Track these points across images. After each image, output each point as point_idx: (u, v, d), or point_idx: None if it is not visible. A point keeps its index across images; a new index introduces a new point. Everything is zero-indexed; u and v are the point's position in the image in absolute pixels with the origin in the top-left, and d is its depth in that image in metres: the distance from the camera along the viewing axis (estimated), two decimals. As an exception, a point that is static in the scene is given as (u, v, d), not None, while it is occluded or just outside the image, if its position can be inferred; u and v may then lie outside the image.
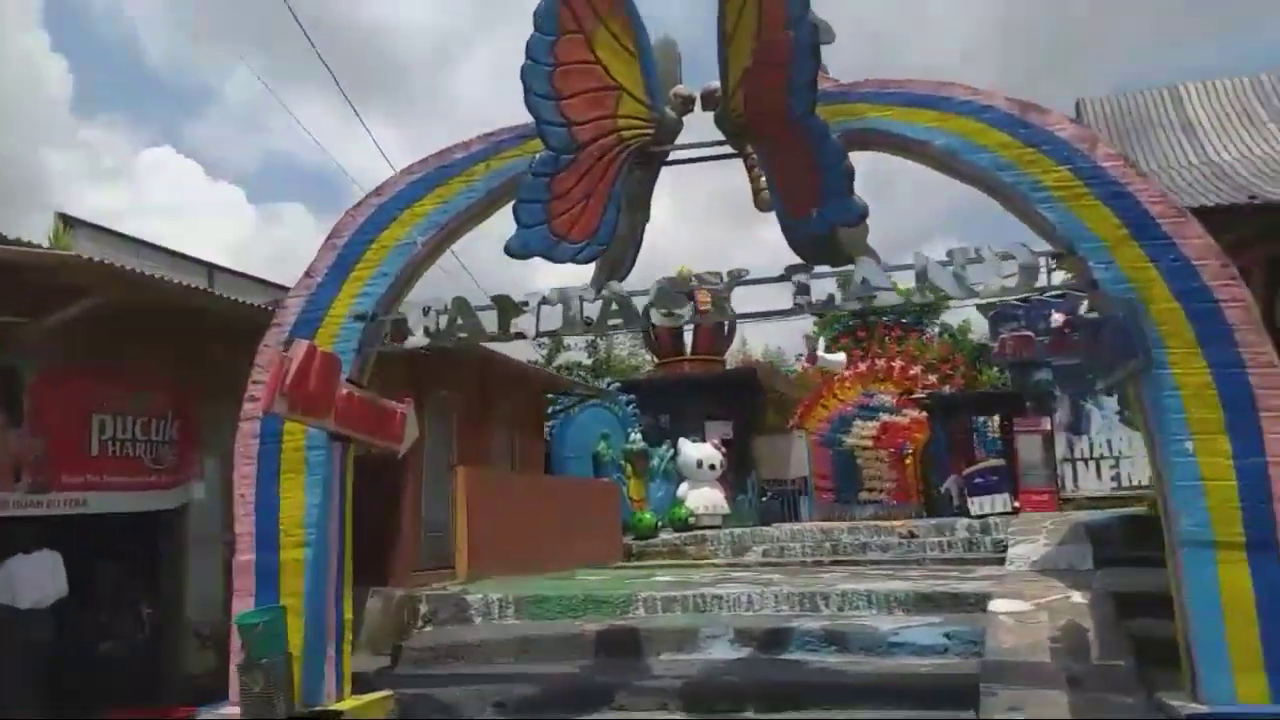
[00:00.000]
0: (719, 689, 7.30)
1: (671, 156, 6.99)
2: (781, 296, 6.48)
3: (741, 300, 6.68)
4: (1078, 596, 8.52)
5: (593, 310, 6.62)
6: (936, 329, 30.29)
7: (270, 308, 7.56)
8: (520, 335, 6.76)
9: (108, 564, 7.75)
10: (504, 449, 14.19)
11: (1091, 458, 17.76)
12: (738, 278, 6.45)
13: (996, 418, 19.96)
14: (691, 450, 17.99)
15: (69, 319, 6.74)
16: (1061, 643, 7.36)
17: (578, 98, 6.66)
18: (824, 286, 6.54)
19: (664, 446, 18.01)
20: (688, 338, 21.10)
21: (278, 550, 6.72)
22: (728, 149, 6.87)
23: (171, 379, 8.23)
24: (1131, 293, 5.95)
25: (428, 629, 9.08)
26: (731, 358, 23.62)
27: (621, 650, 8.37)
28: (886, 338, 26.59)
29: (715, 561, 15.10)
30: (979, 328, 29.05)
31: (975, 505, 17.35)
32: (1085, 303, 18.51)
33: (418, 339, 6.82)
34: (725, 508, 18.01)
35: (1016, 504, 17.16)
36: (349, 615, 6.99)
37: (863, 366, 21.96)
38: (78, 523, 7.44)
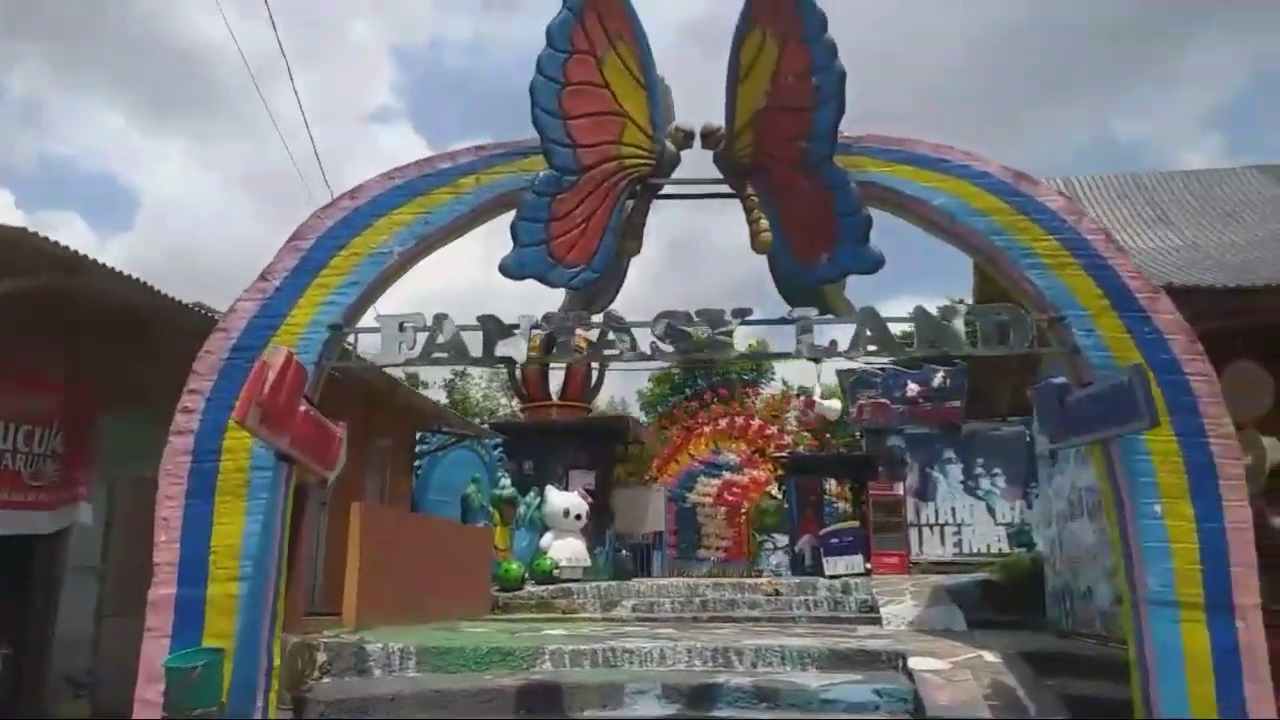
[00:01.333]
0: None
1: (668, 190, 6.83)
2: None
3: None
4: (989, 656, 8.79)
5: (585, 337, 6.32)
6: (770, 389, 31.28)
7: (202, 310, 6.76)
8: (509, 360, 6.33)
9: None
10: (376, 486, 13.34)
11: (936, 524, 18.70)
12: (741, 315, 6.32)
13: (834, 482, 20.68)
14: (558, 499, 17.55)
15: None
16: (996, 700, 7.55)
17: (585, 119, 6.42)
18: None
19: (531, 494, 17.48)
20: (555, 382, 20.74)
21: (205, 584, 5.89)
22: (724, 188, 6.80)
23: (59, 384, 7.17)
24: (1110, 359, 6.28)
25: (326, 680, 8.22)
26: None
27: (543, 706, 7.88)
28: (714, 399, 27.24)
29: (586, 615, 14.68)
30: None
31: (830, 565, 17.81)
32: (940, 374, 19.59)
33: (388, 355, 6.25)
34: (587, 560, 17.65)
35: (868, 565, 17.74)
36: (277, 662, 6.21)
37: (723, 423, 22.26)
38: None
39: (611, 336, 6.28)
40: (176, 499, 6.01)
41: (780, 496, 30.01)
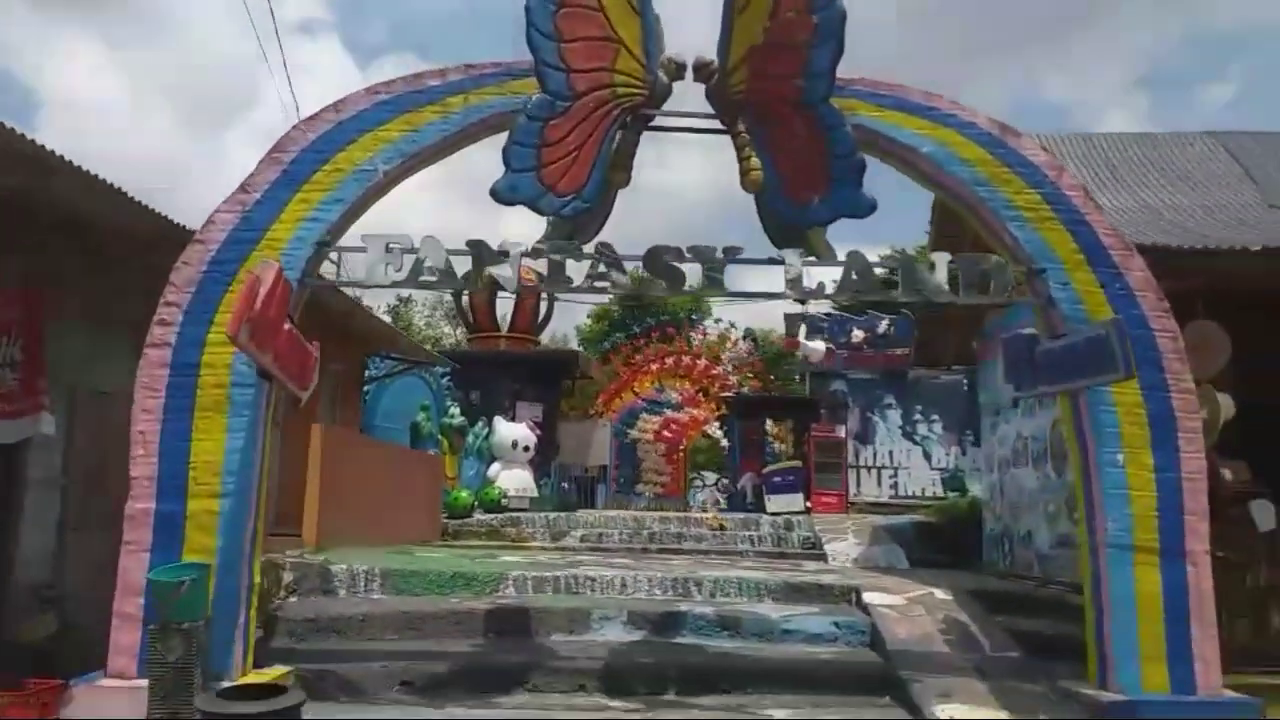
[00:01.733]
0: (635, 670, 7.14)
1: (658, 122, 6.77)
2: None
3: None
4: (940, 593, 9.13)
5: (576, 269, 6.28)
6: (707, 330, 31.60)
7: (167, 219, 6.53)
8: (497, 286, 6.28)
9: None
10: (327, 409, 13.15)
11: (874, 466, 19.22)
12: (732, 254, 6.34)
13: (771, 423, 21.07)
14: (506, 430, 17.56)
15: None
16: (950, 634, 7.88)
17: (579, 43, 6.32)
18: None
19: (479, 424, 17.45)
20: (503, 313, 20.59)
21: (185, 499, 5.83)
22: (714, 123, 6.76)
23: (14, 291, 6.89)
24: (1084, 314, 6.49)
25: (292, 599, 8.18)
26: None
27: (512, 630, 7.97)
28: (660, 336, 27.43)
29: (534, 544, 14.78)
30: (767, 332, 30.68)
31: (772, 503, 18.18)
32: (884, 321, 19.93)
33: (373, 276, 6.15)
34: (535, 490, 17.74)
35: (808, 504, 18.18)
36: (258, 579, 6.20)
37: (669, 361, 22.41)
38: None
39: (603, 269, 6.27)
40: (154, 413, 5.90)
41: (716, 435, 30.54)
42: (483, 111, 6.47)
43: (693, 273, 6.34)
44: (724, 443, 32.08)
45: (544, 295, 19.64)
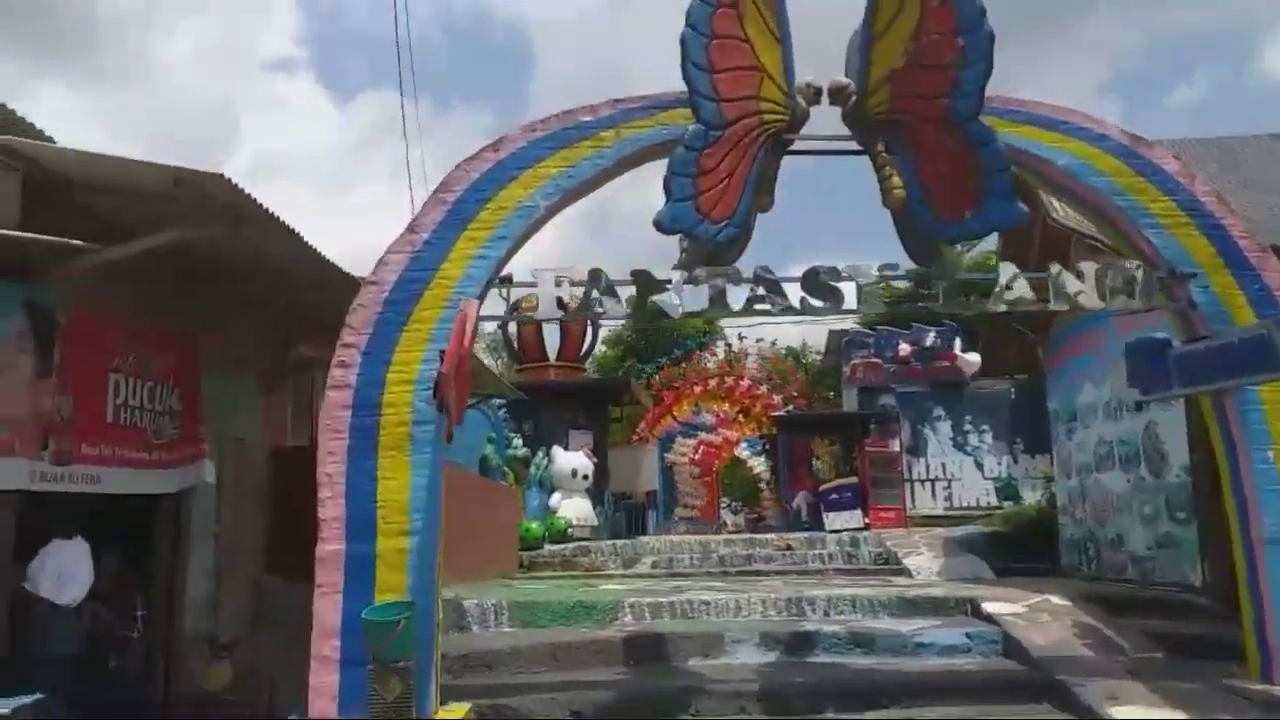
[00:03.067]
0: (790, 690, 7.19)
1: (798, 146, 6.93)
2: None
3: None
4: (1056, 599, 9.22)
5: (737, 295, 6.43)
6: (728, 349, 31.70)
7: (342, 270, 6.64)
8: (663, 315, 6.40)
9: (108, 555, 6.36)
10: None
11: (928, 479, 19.33)
12: (887, 270, 6.50)
13: (816, 440, 21.16)
14: (565, 459, 17.61)
15: (131, 254, 5.55)
16: (1088, 639, 7.96)
17: (727, 74, 6.49)
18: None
19: (540, 454, 17.50)
20: (552, 343, 20.70)
21: (374, 539, 5.90)
22: (852, 144, 6.93)
23: (175, 338, 7.01)
24: (1225, 316, 6.64)
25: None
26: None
27: (652, 657, 8.03)
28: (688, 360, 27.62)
29: (610, 572, 14.85)
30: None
31: (830, 520, 18.27)
32: (931, 334, 20.05)
33: (548, 309, 6.29)
34: (595, 519, 17.79)
35: (867, 520, 18.26)
36: (440, 617, 6.27)
37: (712, 383, 22.51)
38: (55, 501, 6.11)
39: (761, 291, 6.41)
40: (339, 455, 5.98)
41: (744, 457, 30.52)
42: (634, 144, 6.62)
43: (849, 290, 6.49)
44: (757, 469, 32.19)
45: (589, 323, 19.74)
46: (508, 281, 6.29)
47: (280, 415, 9.27)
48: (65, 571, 5.70)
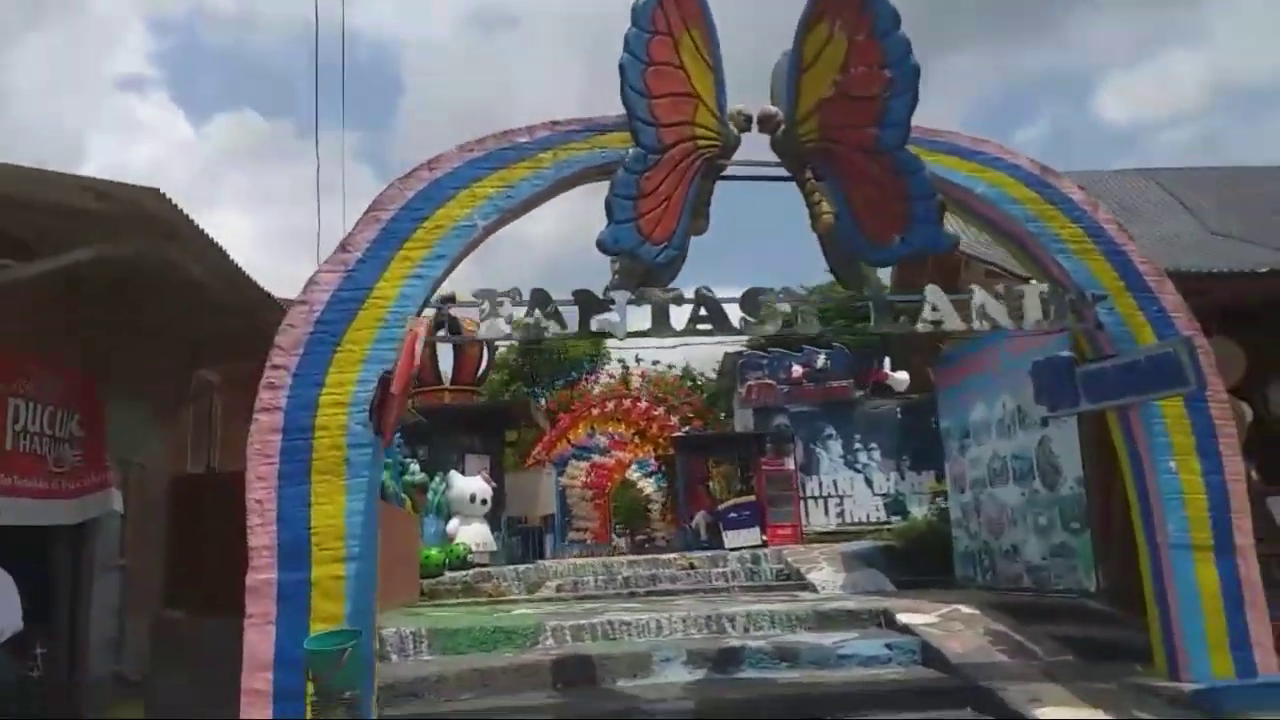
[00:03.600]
0: (727, 707, 7.24)
1: (729, 172, 7.05)
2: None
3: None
4: (965, 608, 9.56)
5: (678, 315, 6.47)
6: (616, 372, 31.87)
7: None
8: (606, 334, 6.38)
9: None
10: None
11: (820, 496, 19.82)
12: (821, 294, 6.65)
13: (710, 461, 21.49)
14: (463, 484, 17.26)
15: (46, 272, 5.18)
16: (1002, 645, 8.30)
17: (665, 99, 6.57)
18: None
19: (437, 479, 17.11)
20: (445, 366, 20.28)
21: (309, 566, 5.65)
22: (781, 171, 7.10)
23: (73, 362, 6.57)
24: (1129, 335, 7.08)
25: (349, 667, 7.93)
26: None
27: (582, 679, 7.94)
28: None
29: (513, 598, 14.60)
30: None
31: (730, 538, 18.48)
32: (821, 355, 20.64)
33: (491, 329, 6.17)
34: (494, 544, 17.51)
35: (765, 537, 18.56)
36: (376, 646, 6.03)
37: (610, 405, 22.53)
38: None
39: (704, 312, 6.47)
40: (269, 480, 5.72)
41: (633, 479, 30.66)
42: (571, 166, 6.60)
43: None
44: (647, 490, 32.30)
45: (485, 346, 19.50)
46: (451, 301, 6.15)
47: (180, 442, 8.81)
48: None
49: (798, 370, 20.08)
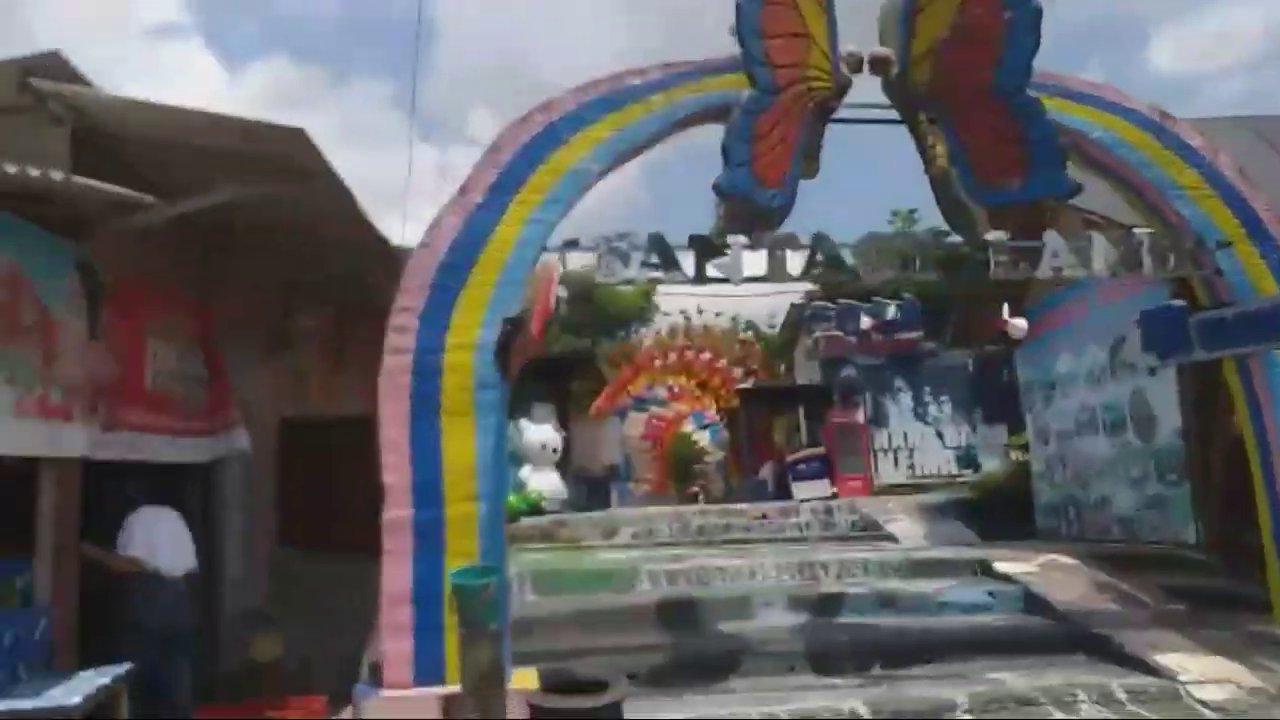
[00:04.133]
0: (833, 649, 7.33)
1: (840, 115, 6.96)
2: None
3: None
4: (1063, 559, 9.52)
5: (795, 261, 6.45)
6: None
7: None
8: (722, 280, 6.39)
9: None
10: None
11: (890, 448, 19.73)
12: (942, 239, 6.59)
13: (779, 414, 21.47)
14: (535, 433, 17.49)
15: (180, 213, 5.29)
16: (1107, 595, 8.26)
17: (780, 40, 6.51)
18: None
19: (509, 428, 17.31)
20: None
21: (441, 505, 5.79)
22: (892, 114, 7.00)
23: (195, 303, 6.75)
24: (1248, 283, 6.92)
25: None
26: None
27: (684, 621, 8.09)
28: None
29: (593, 544, 14.79)
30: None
31: (798, 490, 18.50)
32: (891, 307, 20.34)
33: (607, 273, 6.22)
34: (564, 493, 17.74)
35: (834, 489, 18.55)
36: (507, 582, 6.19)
37: (672, 357, 22.53)
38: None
39: (820, 257, 6.45)
40: (400, 420, 5.84)
41: (688, 432, 30.71)
42: (684, 108, 6.56)
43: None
44: (701, 443, 32.33)
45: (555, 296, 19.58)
46: (574, 245, 6.19)
47: (280, 385, 9.01)
48: (160, 541, 5.49)
49: (867, 322, 19.88)
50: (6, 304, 4.38)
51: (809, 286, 18.40)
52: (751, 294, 23.00)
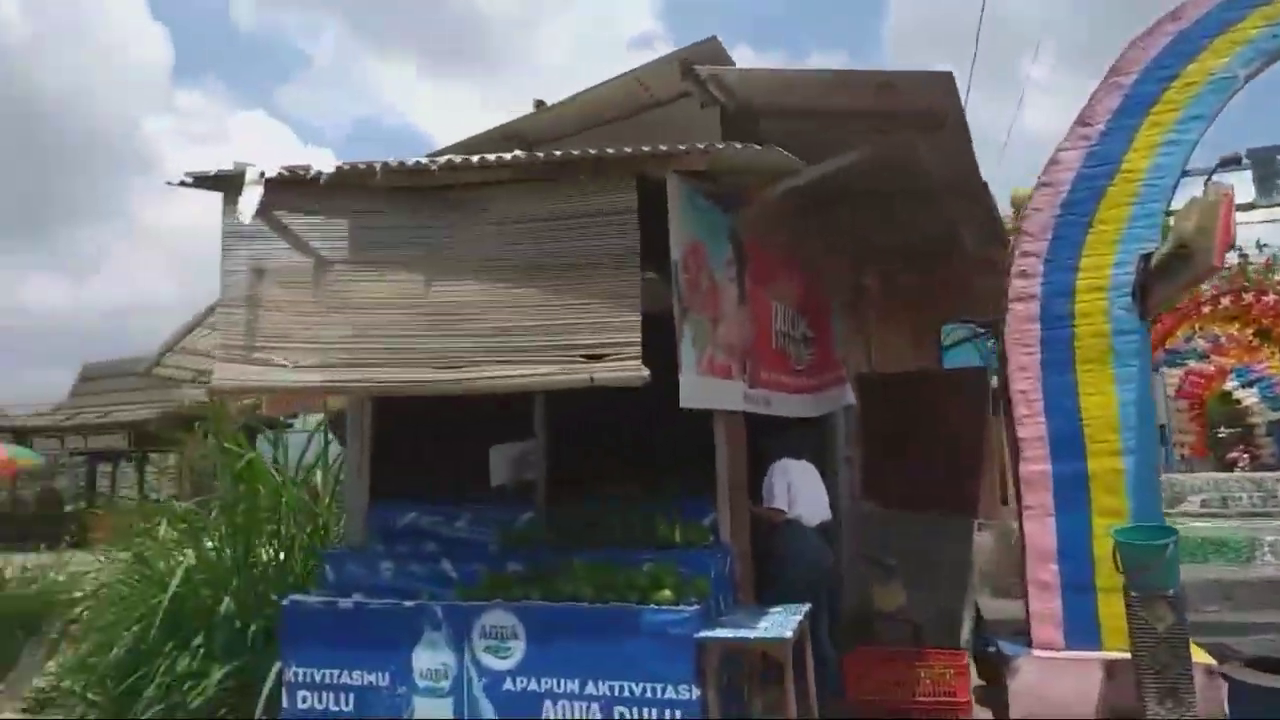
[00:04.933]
0: None
1: None
2: None
3: None
4: None
5: None
6: None
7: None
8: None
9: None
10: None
11: None
12: None
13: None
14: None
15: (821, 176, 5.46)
16: None
17: None
18: None
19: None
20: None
21: (1083, 458, 5.44)
22: None
23: (800, 263, 7.05)
24: None
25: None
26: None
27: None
28: None
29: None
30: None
31: None
32: None
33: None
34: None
35: None
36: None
37: (1225, 300, 19.47)
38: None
39: None
40: (1031, 370, 5.60)
41: (1230, 389, 26.57)
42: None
43: None
44: (1246, 400, 27.86)
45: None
46: (1234, 163, 5.46)
47: (856, 343, 9.19)
48: (800, 492, 5.92)
49: None
50: (693, 273, 4.86)
51: None
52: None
